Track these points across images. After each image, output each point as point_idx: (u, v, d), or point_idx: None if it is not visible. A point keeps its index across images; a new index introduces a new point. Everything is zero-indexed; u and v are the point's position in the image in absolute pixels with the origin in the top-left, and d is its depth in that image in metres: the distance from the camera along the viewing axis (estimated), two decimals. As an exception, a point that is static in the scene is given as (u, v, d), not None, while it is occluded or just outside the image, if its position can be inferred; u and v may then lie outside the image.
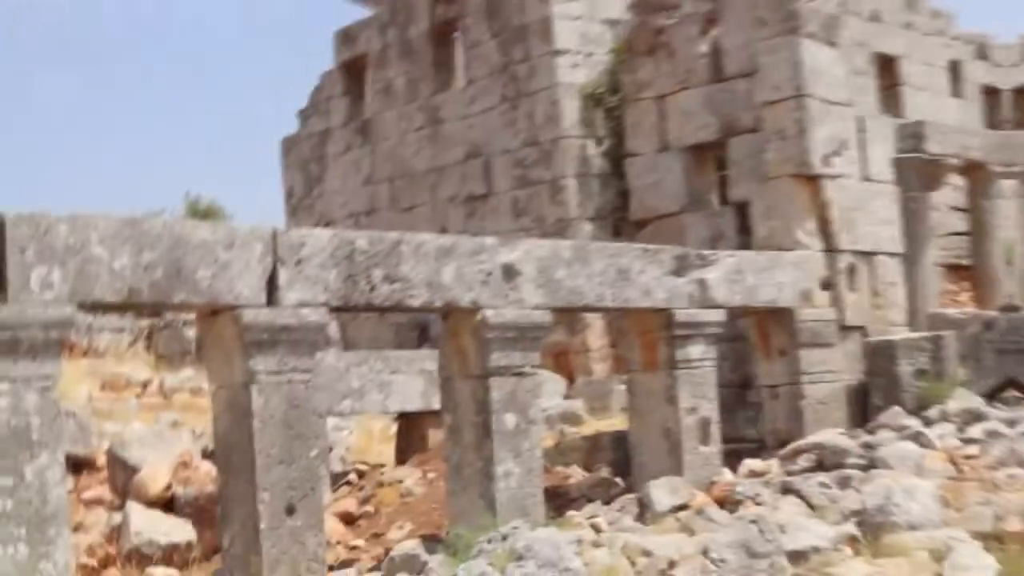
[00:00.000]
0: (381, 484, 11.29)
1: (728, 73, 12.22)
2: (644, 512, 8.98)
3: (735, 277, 10.53)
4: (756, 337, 11.33)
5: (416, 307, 8.54)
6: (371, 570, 8.56)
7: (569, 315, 17.95)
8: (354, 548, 10.01)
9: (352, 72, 24.95)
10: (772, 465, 9.96)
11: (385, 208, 23.65)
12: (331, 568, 8.46)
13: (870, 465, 9.36)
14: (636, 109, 12.87)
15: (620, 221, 19.75)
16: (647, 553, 7.36)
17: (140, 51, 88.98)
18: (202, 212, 39.42)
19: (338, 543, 10.02)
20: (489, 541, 7.40)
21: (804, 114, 11.57)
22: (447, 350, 8.94)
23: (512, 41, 21.11)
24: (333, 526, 10.05)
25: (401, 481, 11.27)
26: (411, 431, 13.24)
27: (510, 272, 8.89)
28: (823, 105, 11.79)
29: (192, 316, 23.18)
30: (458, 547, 7.72)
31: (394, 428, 14.47)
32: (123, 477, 11.00)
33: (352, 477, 12.06)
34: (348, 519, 10.66)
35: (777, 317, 11.15)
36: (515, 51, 21.06)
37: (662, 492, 9.07)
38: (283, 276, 7.82)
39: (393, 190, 23.56)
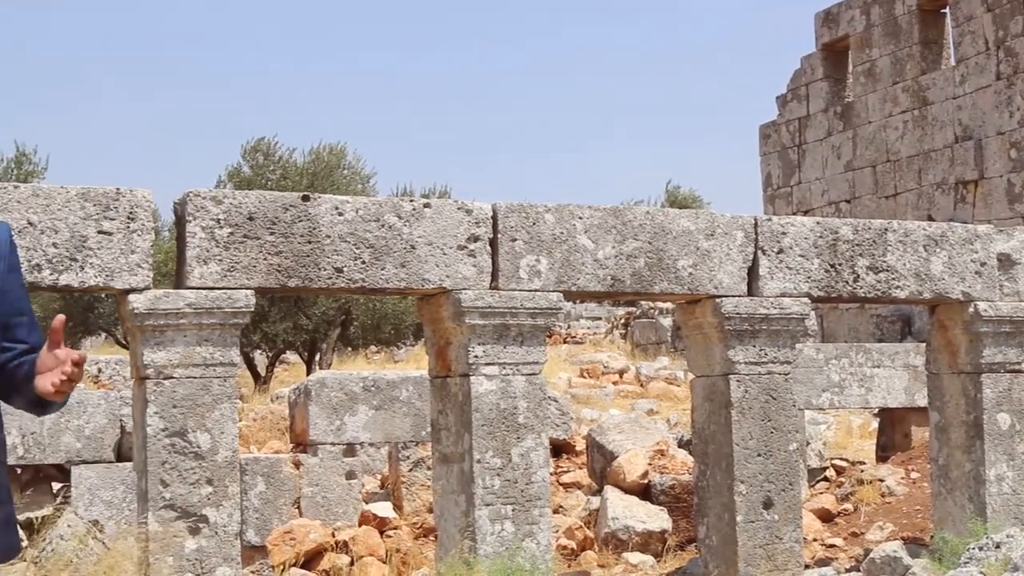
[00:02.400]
0: (861, 482, 10.96)
1: None
2: None
3: None
4: None
5: (902, 298, 8.24)
6: (849, 570, 8.31)
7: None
8: (831, 547, 9.76)
9: (833, 54, 24.37)
10: None
11: (867, 195, 22.96)
12: (807, 566, 8.28)
13: None
14: None
15: None
16: None
17: (619, 42, 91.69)
18: (680, 201, 40.04)
19: (815, 540, 9.81)
20: (980, 548, 6.99)
21: None
22: (935, 344, 8.57)
23: (1009, 14, 19.88)
24: (810, 522, 9.84)
25: (882, 479, 10.90)
26: (893, 428, 12.79)
27: (1006, 262, 8.43)
28: None
29: (666, 305, 23.52)
30: (944, 552, 7.41)
31: (875, 424, 14.02)
32: (600, 462, 11.24)
33: (830, 473, 11.78)
34: (825, 516, 10.42)
35: None
36: (1012, 24, 19.83)
37: None
38: (764, 265, 7.77)
39: (876, 176, 22.83)
